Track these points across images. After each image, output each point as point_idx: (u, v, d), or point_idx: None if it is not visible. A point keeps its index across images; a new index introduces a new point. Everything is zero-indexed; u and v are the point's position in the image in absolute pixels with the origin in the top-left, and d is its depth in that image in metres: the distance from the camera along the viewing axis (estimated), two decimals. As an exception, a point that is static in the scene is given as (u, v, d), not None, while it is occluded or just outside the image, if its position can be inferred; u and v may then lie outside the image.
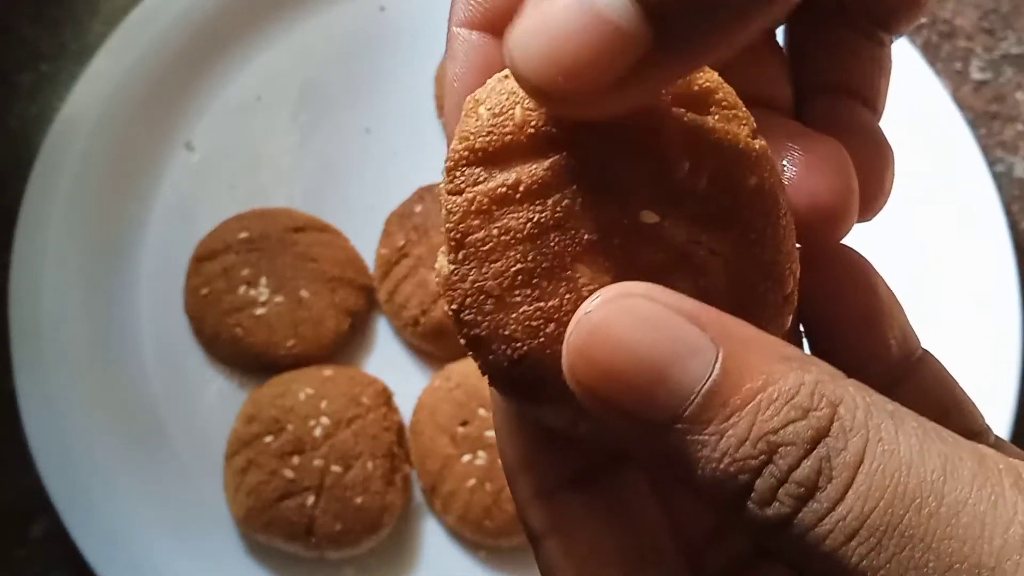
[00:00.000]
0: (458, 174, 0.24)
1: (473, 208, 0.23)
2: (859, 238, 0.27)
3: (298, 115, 0.73)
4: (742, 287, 0.23)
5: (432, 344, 0.65)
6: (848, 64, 0.30)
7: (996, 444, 0.25)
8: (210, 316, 0.64)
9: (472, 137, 0.24)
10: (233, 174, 0.71)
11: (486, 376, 0.24)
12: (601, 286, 0.23)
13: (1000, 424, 0.60)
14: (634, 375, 0.21)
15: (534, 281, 0.23)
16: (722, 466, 0.20)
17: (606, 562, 0.25)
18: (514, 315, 0.23)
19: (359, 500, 0.59)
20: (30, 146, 0.68)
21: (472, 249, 0.23)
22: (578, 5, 0.21)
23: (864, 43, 0.30)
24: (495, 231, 0.23)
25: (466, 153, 0.24)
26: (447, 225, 0.23)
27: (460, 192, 0.23)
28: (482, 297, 0.23)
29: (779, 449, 0.20)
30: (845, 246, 0.27)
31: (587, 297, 0.22)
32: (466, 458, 0.60)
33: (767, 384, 0.20)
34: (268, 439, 0.59)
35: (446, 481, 0.60)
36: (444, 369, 0.64)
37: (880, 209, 0.29)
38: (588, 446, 0.26)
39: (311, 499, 0.58)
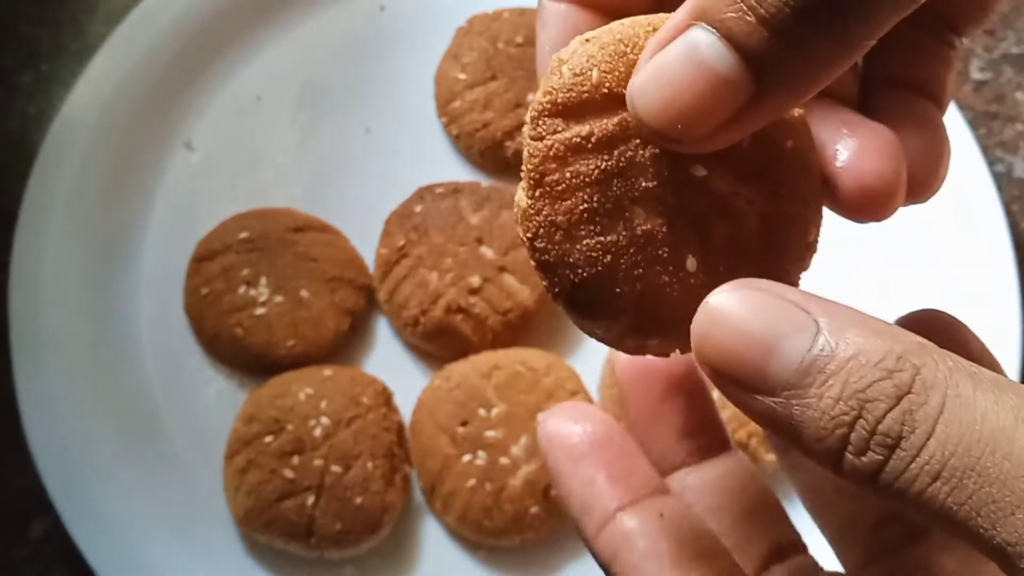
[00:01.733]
0: (540, 123, 0.27)
1: (551, 153, 0.27)
2: (860, 237, 0.28)
3: (298, 115, 0.73)
4: (771, 232, 0.27)
5: (432, 344, 0.65)
6: (915, 61, 0.32)
7: None
8: (210, 316, 0.64)
9: (554, 92, 0.27)
10: (233, 174, 0.71)
11: (552, 295, 0.28)
12: (653, 227, 0.27)
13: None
14: (750, 350, 0.24)
15: (597, 219, 0.27)
16: (822, 423, 0.23)
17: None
18: (578, 246, 0.27)
19: (359, 500, 0.59)
20: (30, 146, 0.68)
21: (547, 188, 0.27)
22: (687, 58, 0.24)
23: (932, 42, 0.32)
24: (567, 174, 0.27)
25: (548, 105, 0.27)
26: (527, 166, 0.27)
27: (541, 138, 0.27)
28: (552, 229, 0.27)
29: (867, 404, 0.23)
30: (947, 315, 0.32)
31: (639, 235, 0.27)
32: (466, 458, 0.60)
33: (859, 352, 0.23)
34: (268, 439, 0.59)
35: (446, 481, 0.60)
36: (444, 369, 0.64)
37: (935, 192, 0.32)
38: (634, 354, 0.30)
39: (311, 499, 0.58)
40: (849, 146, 0.29)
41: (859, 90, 0.32)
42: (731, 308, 0.24)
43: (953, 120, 0.69)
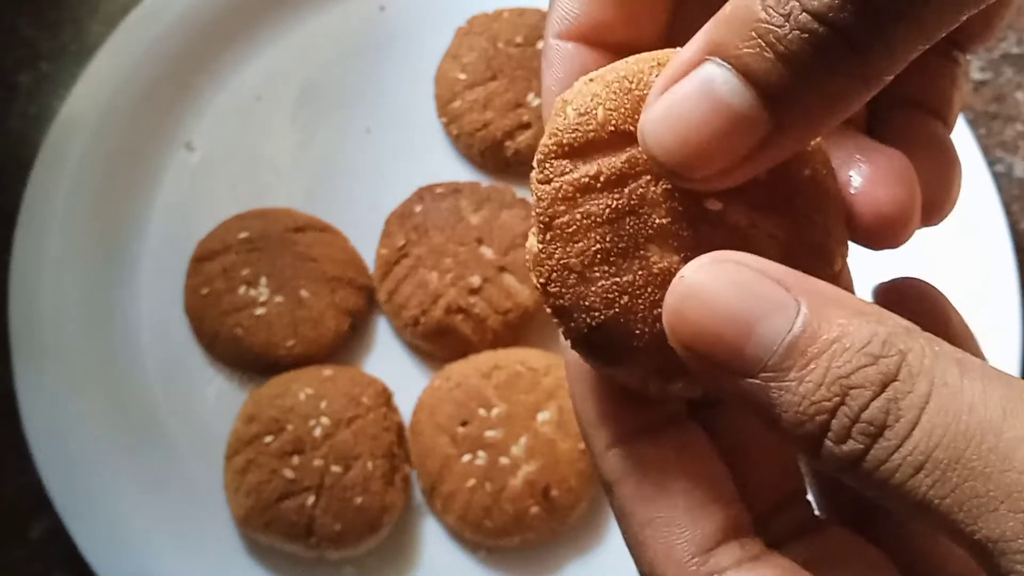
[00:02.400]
0: (547, 165, 0.27)
1: (560, 195, 0.26)
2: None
3: (298, 115, 0.73)
4: (794, 265, 0.26)
5: (432, 344, 0.65)
6: (922, 80, 0.31)
7: None
8: (210, 316, 0.64)
9: (560, 133, 0.27)
10: (233, 174, 0.71)
11: (568, 341, 0.27)
12: (670, 264, 0.26)
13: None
14: (725, 330, 0.23)
15: (611, 259, 0.26)
16: (801, 408, 0.22)
17: (672, 503, 0.27)
18: (593, 288, 0.26)
19: (359, 500, 0.59)
20: (30, 146, 0.68)
21: (558, 231, 0.26)
22: (700, 94, 0.24)
23: (938, 60, 0.32)
24: (578, 215, 0.26)
25: (555, 147, 0.27)
26: (536, 210, 0.27)
27: (549, 181, 0.27)
28: (566, 272, 0.26)
29: (851, 391, 0.22)
30: (924, 283, 0.31)
31: (656, 273, 0.26)
32: (466, 458, 0.60)
33: (842, 335, 0.22)
34: (268, 439, 0.59)
35: (446, 481, 0.60)
36: (444, 369, 0.64)
37: (946, 216, 0.32)
38: (657, 401, 0.28)
39: (311, 499, 0.58)
40: (863, 172, 0.28)
41: (867, 111, 0.31)
42: (707, 284, 0.24)
43: (953, 120, 0.69)
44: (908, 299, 0.30)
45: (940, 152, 0.31)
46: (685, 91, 0.24)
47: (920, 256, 0.66)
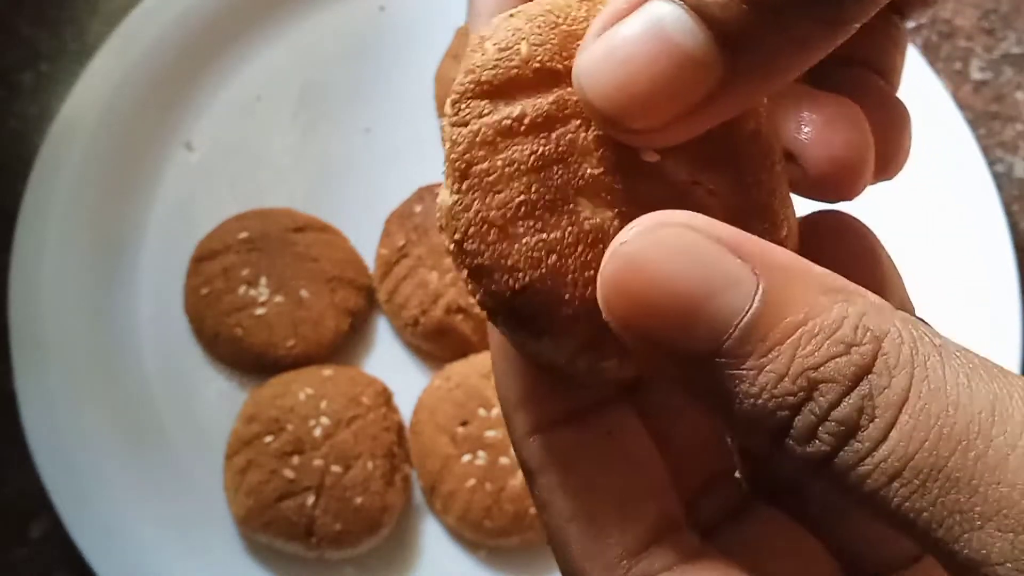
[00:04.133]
0: (463, 106, 0.24)
1: (478, 139, 0.23)
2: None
3: (298, 115, 0.73)
4: (738, 227, 0.23)
5: (432, 344, 0.65)
6: (862, 39, 0.29)
7: None
8: (210, 316, 0.64)
9: (478, 70, 0.24)
10: (233, 174, 0.71)
11: (485, 309, 0.24)
12: (602, 221, 0.23)
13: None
14: (671, 308, 0.20)
15: (537, 213, 0.23)
16: (760, 401, 0.19)
17: (599, 494, 0.25)
18: (516, 246, 0.23)
19: (359, 500, 0.59)
20: (30, 146, 0.68)
21: (476, 179, 0.23)
22: (647, 31, 0.21)
23: (880, 24, 0.30)
24: (499, 162, 0.23)
25: (472, 86, 0.24)
26: (451, 156, 0.23)
27: (465, 124, 0.23)
28: (485, 227, 0.23)
29: (820, 386, 0.19)
30: (850, 216, 0.27)
31: (587, 230, 0.23)
32: (466, 458, 0.60)
33: (808, 317, 0.19)
34: (268, 439, 0.59)
35: (446, 481, 0.60)
36: (444, 369, 0.64)
37: (900, 168, 0.29)
38: (586, 384, 0.25)
39: (311, 499, 0.58)
40: (812, 118, 0.26)
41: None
42: (649, 251, 0.20)
43: (953, 120, 0.69)
44: (830, 236, 0.27)
45: (885, 103, 0.29)
46: (628, 30, 0.21)
47: (920, 256, 0.66)
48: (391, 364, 0.66)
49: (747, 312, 0.20)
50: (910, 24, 0.31)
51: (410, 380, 0.64)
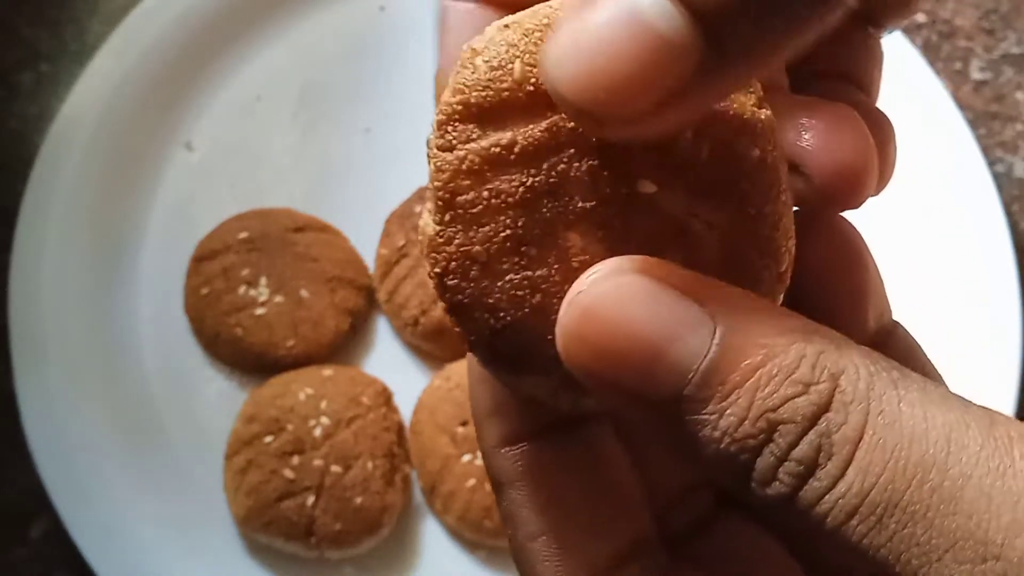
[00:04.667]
0: (450, 129, 0.22)
1: (464, 167, 0.22)
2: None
3: (298, 115, 0.73)
4: (736, 262, 0.22)
5: (432, 344, 0.65)
6: (840, 52, 0.29)
7: None
8: (210, 316, 0.64)
9: (467, 90, 0.22)
10: (233, 174, 0.71)
11: (465, 343, 0.23)
12: (592, 257, 0.22)
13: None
14: (631, 355, 0.20)
15: (523, 249, 0.22)
16: (723, 446, 0.20)
17: (570, 512, 0.24)
18: (500, 283, 0.22)
19: (359, 500, 0.59)
20: (30, 146, 0.68)
21: (460, 211, 0.22)
22: (620, 15, 0.19)
23: (854, 33, 0.30)
24: (485, 193, 0.22)
25: (460, 107, 0.22)
26: (435, 183, 0.22)
27: (451, 149, 0.22)
28: (468, 262, 0.22)
29: (779, 427, 0.19)
30: (840, 217, 0.27)
31: (576, 268, 0.22)
32: (466, 458, 0.60)
33: (767, 359, 0.19)
34: (268, 439, 0.59)
35: (446, 481, 0.60)
36: (444, 369, 0.64)
37: (887, 182, 0.28)
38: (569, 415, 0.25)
39: (311, 499, 0.58)
40: (813, 124, 0.25)
41: (788, 81, 0.29)
42: (608, 300, 0.20)
43: (953, 120, 0.69)
44: (818, 237, 0.26)
45: (871, 117, 0.28)
46: (601, 13, 0.20)
47: (921, 256, 0.66)
48: (391, 364, 0.66)
49: (705, 357, 0.20)
50: (887, 34, 0.31)
51: (410, 380, 0.64)
